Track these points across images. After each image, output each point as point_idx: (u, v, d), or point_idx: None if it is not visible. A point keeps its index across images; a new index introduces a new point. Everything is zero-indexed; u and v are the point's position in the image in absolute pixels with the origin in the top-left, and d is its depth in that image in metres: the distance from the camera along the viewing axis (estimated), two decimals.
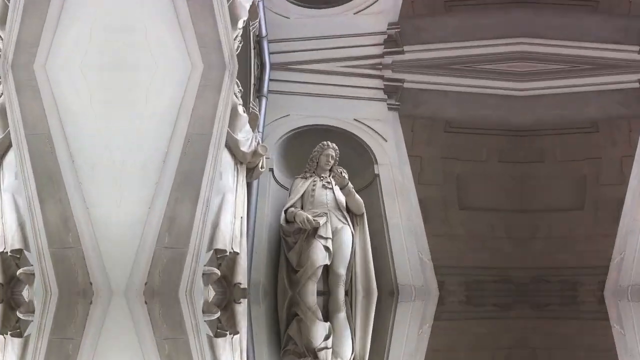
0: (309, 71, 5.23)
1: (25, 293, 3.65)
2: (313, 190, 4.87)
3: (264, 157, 4.48)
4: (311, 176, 5.02)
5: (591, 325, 3.46)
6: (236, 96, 4.18)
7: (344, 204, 4.90)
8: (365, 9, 5.22)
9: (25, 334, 2.30)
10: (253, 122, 4.48)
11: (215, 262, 3.85)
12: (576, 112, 5.07)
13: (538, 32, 5.02)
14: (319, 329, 2.99)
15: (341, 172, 4.88)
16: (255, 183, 4.75)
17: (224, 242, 3.94)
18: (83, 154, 3.41)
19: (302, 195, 4.87)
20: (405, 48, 5.20)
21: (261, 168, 4.51)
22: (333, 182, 4.91)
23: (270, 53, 5.08)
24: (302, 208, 4.86)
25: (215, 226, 3.92)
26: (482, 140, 5.23)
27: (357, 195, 4.93)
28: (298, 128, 5.28)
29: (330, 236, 4.71)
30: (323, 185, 4.92)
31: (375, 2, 5.20)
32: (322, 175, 5.00)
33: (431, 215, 5.11)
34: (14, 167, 3.59)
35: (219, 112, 3.74)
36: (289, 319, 3.58)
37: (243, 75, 4.36)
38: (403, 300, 4.56)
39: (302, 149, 5.16)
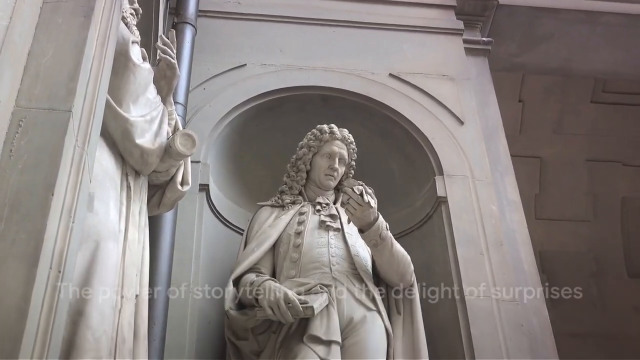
0: None
1: None
2: (299, 232, 4.51)
3: (189, 157, 4.05)
4: (293, 202, 4.73)
5: None
6: (126, 23, 4.01)
7: (369, 263, 4.51)
8: None
9: None
10: (165, 84, 4.14)
11: None
12: None
13: None
14: None
15: (361, 193, 4.30)
16: (169, 216, 4.43)
17: (96, 349, 3.51)
18: None
19: (276, 245, 4.53)
20: None
21: (182, 185, 4.11)
22: (342, 214, 4.53)
23: None
24: (273, 274, 4.47)
25: (78, 315, 3.49)
26: None
27: (396, 246, 4.45)
28: (262, 96, 5.28)
29: (338, 337, 4.12)
30: (321, 220, 4.55)
31: None
32: (319, 199, 4.72)
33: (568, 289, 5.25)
34: None
35: (86, 60, 3.28)
36: None
37: None
38: None
39: (272, 141, 5.29)
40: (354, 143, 4.75)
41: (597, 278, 7.80)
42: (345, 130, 4.74)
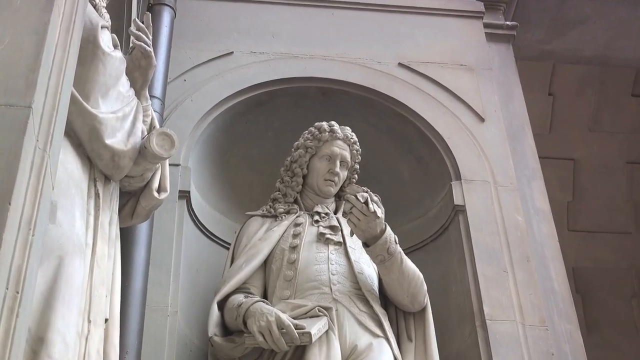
0: None
1: None
2: (294, 247, 4.53)
3: (167, 160, 4.05)
4: (287, 211, 4.78)
5: None
6: (94, 5, 4.06)
7: (375, 282, 4.55)
8: None
9: None
10: (140, 75, 4.17)
11: None
12: None
13: None
14: None
15: (366, 201, 4.33)
16: (144, 228, 4.45)
17: None
18: None
19: (268, 261, 4.57)
20: None
21: (158, 192, 4.12)
22: (344, 225, 4.55)
23: None
24: (264, 294, 4.50)
25: (39, 343, 3.45)
26: None
27: (407, 263, 4.46)
28: (252, 89, 5.31)
29: None
30: (320, 232, 4.59)
31: None
32: (318, 208, 4.77)
33: (609, 316, 5.01)
34: None
35: (48, 48, 3.29)
36: None
37: None
38: None
39: (263, 142, 5.38)
40: (358, 143, 4.75)
41: None
42: (348, 128, 4.74)
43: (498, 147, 5.18)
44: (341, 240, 4.50)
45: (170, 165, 4.14)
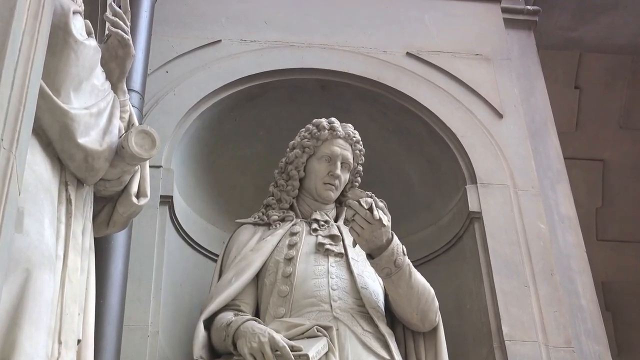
0: None
1: None
2: (289, 259, 4.56)
3: (147, 161, 4.08)
4: (282, 218, 4.83)
5: None
6: None
7: (380, 298, 4.57)
8: None
9: None
10: (117, 66, 4.20)
11: None
12: None
13: None
14: None
15: (370, 207, 4.34)
16: (121, 238, 4.46)
17: None
18: None
19: (260, 275, 4.60)
20: None
21: (137, 197, 4.13)
22: (346, 234, 4.61)
23: None
24: (256, 312, 4.53)
25: None
26: None
27: (416, 276, 4.47)
28: (242, 82, 5.35)
29: None
30: (318, 242, 4.61)
31: None
32: (316, 215, 4.80)
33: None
34: None
35: (14, 36, 3.28)
36: None
37: None
38: None
39: (255, 141, 5.42)
40: (361, 142, 4.75)
41: None
42: (350, 125, 4.75)
43: (518, 146, 5.18)
44: (342, 251, 4.50)
45: (150, 167, 4.14)
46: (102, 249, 4.22)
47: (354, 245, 4.36)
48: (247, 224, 4.73)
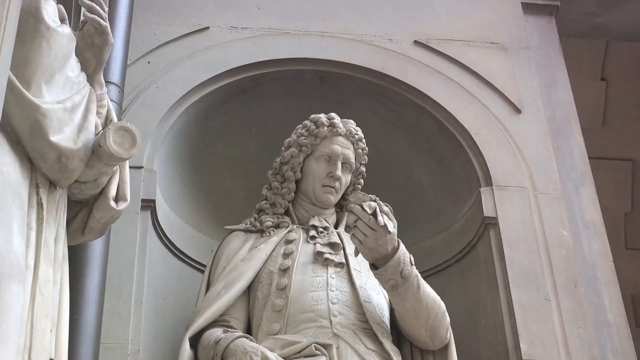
0: None
1: None
2: (285, 269, 4.60)
3: (127, 161, 4.13)
4: (276, 224, 4.87)
5: None
6: None
7: (385, 313, 4.60)
8: None
9: None
10: (93, 56, 4.23)
11: None
12: None
13: None
14: None
15: (374, 212, 4.36)
16: (98, 247, 4.48)
17: None
18: None
19: (252, 287, 4.64)
20: None
21: (115, 201, 4.16)
22: (348, 242, 4.64)
23: None
24: (247, 328, 4.53)
25: None
26: None
27: (425, 289, 4.49)
28: (232, 73, 5.40)
29: None
30: (317, 251, 4.65)
31: None
32: (315, 221, 4.84)
33: None
34: None
35: None
36: None
37: None
38: None
39: (246, 138, 5.49)
40: (364, 140, 4.77)
41: None
42: (352, 122, 4.76)
43: (538, 144, 5.20)
44: (343, 260, 4.51)
45: (130, 167, 4.16)
46: (76, 258, 4.24)
47: (356, 254, 4.37)
48: (237, 231, 4.74)
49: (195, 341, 4.37)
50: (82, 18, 4.10)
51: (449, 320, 4.41)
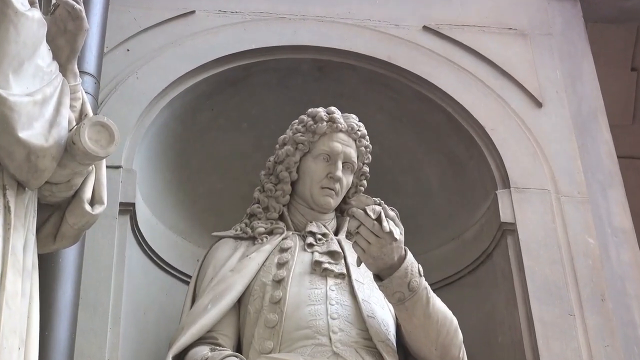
0: None
1: None
2: (279, 280, 4.62)
3: (103, 160, 4.15)
4: (270, 231, 4.90)
5: None
6: None
7: (391, 329, 4.63)
8: None
9: None
10: (66, 43, 4.27)
11: None
12: None
13: None
14: None
15: (379, 217, 4.38)
16: (71, 254, 4.51)
17: None
18: None
19: (243, 300, 4.66)
20: None
21: (91, 204, 4.19)
22: (349, 250, 4.66)
23: None
24: (237, 347, 4.55)
25: None
26: None
27: (435, 303, 4.51)
28: (221, 62, 5.45)
29: None
30: (315, 261, 4.67)
31: None
32: (312, 227, 4.87)
33: None
34: None
35: None
36: None
37: None
38: None
39: (236, 135, 5.55)
40: (367, 137, 4.79)
41: None
42: (354, 116, 4.78)
43: (561, 142, 5.23)
44: (344, 271, 4.52)
45: (107, 167, 4.17)
46: (47, 268, 4.25)
47: (359, 264, 4.38)
48: (226, 238, 4.76)
49: None
50: (53, 1, 4.10)
51: (462, 337, 4.42)
